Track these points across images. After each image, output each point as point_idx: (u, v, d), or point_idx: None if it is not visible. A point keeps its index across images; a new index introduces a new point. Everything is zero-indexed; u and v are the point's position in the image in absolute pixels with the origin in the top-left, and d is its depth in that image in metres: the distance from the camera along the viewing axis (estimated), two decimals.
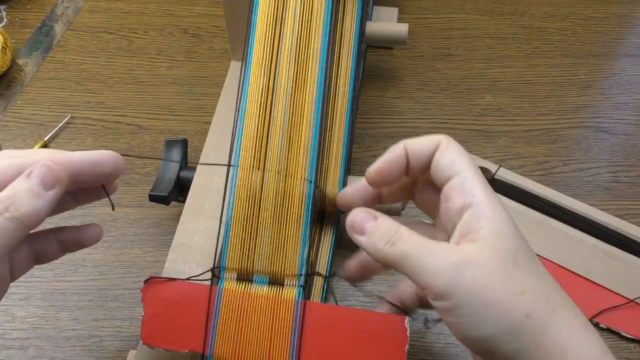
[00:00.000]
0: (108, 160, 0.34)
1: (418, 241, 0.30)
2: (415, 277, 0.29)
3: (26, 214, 0.30)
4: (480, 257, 0.28)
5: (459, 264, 0.28)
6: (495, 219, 0.30)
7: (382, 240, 0.31)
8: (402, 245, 0.30)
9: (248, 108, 0.38)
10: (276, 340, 0.34)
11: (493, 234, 0.29)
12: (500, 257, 0.29)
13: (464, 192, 0.30)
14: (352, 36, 0.48)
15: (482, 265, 0.28)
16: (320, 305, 0.35)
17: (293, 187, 0.37)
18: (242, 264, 0.36)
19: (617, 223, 0.50)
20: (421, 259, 0.29)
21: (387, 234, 0.31)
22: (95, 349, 0.43)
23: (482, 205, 0.30)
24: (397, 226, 0.31)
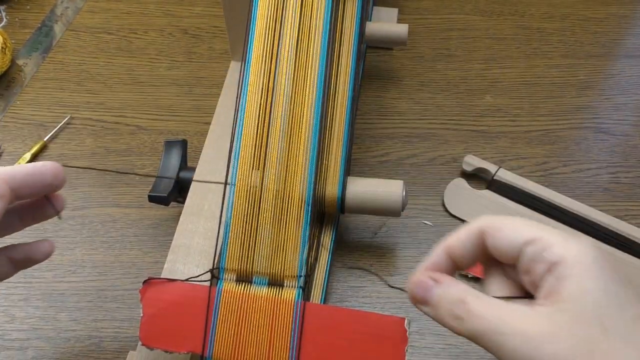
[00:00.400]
0: (47, 170, 0.34)
1: (489, 314, 0.27)
2: (494, 354, 0.27)
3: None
4: (560, 328, 0.25)
5: (536, 339, 0.25)
6: (580, 277, 0.26)
7: (449, 315, 0.28)
8: (472, 321, 0.27)
9: (248, 108, 0.38)
10: (276, 341, 0.34)
11: (576, 295, 0.26)
12: (584, 325, 0.25)
13: (544, 258, 0.27)
14: (352, 36, 0.48)
15: (563, 338, 0.25)
16: (319, 306, 0.35)
17: (293, 187, 0.37)
18: (241, 265, 0.36)
19: (616, 224, 0.50)
20: (496, 337, 0.26)
21: (453, 306, 0.28)
22: (94, 349, 0.43)
23: (563, 264, 0.26)
24: (464, 293, 0.28)
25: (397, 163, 0.55)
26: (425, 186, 0.54)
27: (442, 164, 0.55)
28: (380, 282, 0.47)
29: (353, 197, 0.44)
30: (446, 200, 0.52)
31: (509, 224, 0.29)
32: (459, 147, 0.57)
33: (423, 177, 0.54)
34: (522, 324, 0.26)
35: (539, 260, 0.27)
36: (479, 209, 0.51)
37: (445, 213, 0.52)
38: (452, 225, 0.51)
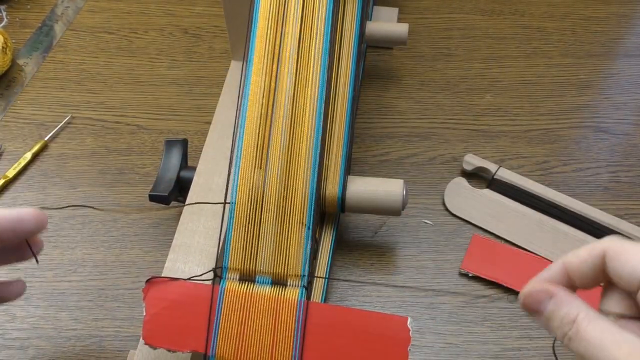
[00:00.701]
0: (30, 218, 0.34)
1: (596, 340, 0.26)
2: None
3: None
4: None
5: None
6: None
7: (560, 331, 0.27)
8: (579, 343, 0.26)
9: (249, 108, 0.38)
10: (279, 340, 0.34)
11: None
12: None
13: None
14: (352, 36, 0.48)
15: None
16: (322, 306, 0.35)
17: (295, 186, 0.37)
18: (244, 264, 0.36)
19: (616, 223, 0.50)
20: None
21: (564, 323, 0.27)
22: (95, 348, 0.43)
23: None
24: (575, 312, 0.27)
25: (398, 162, 0.55)
26: (425, 185, 0.54)
27: (443, 163, 0.55)
28: (380, 282, 0.47)
29: (353, 197, 0.44)
30: (446, 199, 0.52)
31: (631, 249, 0.28)
32: (459, 146, 0.57)
33: (423, 176, 0.54)
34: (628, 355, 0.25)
35: None
36: (479, 208, 0.51)
37: (445, 212, 0.52)
38: (453, 224, 0.51)
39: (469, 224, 0.51)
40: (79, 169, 0.55)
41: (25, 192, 0.53)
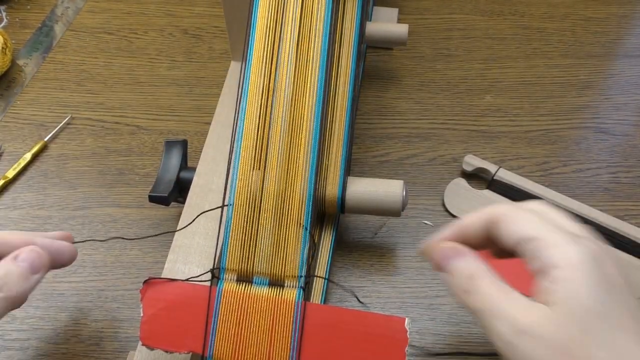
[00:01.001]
0: (67, 253, 0.38)
1: (492, 296, 0.29)
2: (484, 329, 0.29)
3: (16, 295, 0.33)
4: (544, 325, 0.27)
5: (521, 330, 0.27)
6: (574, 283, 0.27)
7: (460, 287, 0.30)
8: (476, 298, 0.29)
9: (248, 109, 0.38)
10: (276, 341, 0.34)
11: (566, 299, 0.27)
12: (565, 327, 0.27)
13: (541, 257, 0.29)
14: (352, 37, 0.48)
15: (542, 334, 0.27)
16: (320, 307, 0.35)
17: (293, 187, 0.37)
18: (242, 265, 0.36)
19: (616, 224, 0.50)
20: (489, 318, 0.28)
21: (465, 280, 0.30)
22: (94, 349, 0.43)
23: (560, 268, 0.28)
24: (476, 270, 0.30)
25: (397, 163, 0.55)
26: (425, 186, 0.54)
27: (442, 164, 0.55)
28: (380, 282, 0.47)
29: (353, 197, 0.44)
30: (446, 200, 0.52)
31: (521, 215, 0.31)
32: (459, 147, 0.57)
33: (423, 177, 0.54)
34: (515, 313, 0.28)
35: (536, 257, 0.29)
36: (479, 209, 0.51)
37: (445, 213, 0.52)
38: None
39: None
40: (78, 169, 0.55)
41: (25, 193, 0.53)
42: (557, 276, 0.28)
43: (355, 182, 0.45)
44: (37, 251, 0.34)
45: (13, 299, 0.33)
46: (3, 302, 0.32)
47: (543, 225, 0.30)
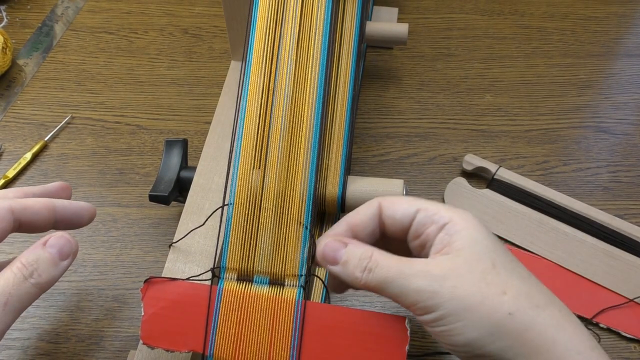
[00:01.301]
0: (86, 214, 0.38)
1: (395, 263, 0.31)
2: (398, 299, 0.31)
3: (46, 281, 0.33)
4: (457, 267, 0.30)
5: (438, 277, 0.30)
6: (468, 230, 0.31)
7: (358, 268, 0.32)
8: (379, 271, 0.31)
9: (248, 108, 0.38)
10: (276, 340, 0.34)
11: (467, 243, 0.30)
12: (477, 263, 0.30)
13: (434, 220, 0.32)
14: (352, 36, 0.48)
15: (461, 273, 0.30)
16: (320, 306, 0.35)
17: (293, 187, 0.37)
18: (242, 264, 0.36)
19: (616, 223, 0.50)
20: (401, 280, 0.30)
21: (362, 260, 0.32)
22: (95, 349, 0.43)
23: (452, 222, 0.31)
24: (370, 251, 0.32)
25: (398, 162, 0.55)
26: (425, 185, 0.54)
27: (443, 163, 0.55)
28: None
29: (353, 197, 0.44)
30: (446, 199, 0.52)
31: (400, 198, 0.34)
32: (459, 146, 0.57)
33: (423, 176, 0.54)
34: (425, 266, 0.30)
35: (429, 222, 0.32)
36: (480, 208, 0.51)
37: None
38: None
39: None
40: (79, 169, 0.55)
41: None
42: (452, 228, 0.31)
43: (356, 182, 0.45)
44: (66, 237, 0.34)
45: (43, 285, 0.33)
46: (34, 289, 0.32)
47: (424, 200, 0.33)
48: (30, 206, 0.35)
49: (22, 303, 0.32)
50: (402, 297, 0.30)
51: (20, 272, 0.32)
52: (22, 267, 0.32)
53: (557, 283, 0.47)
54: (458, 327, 0.29)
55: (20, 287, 0.32)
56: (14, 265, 0.32)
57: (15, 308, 0.31)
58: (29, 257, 0.33)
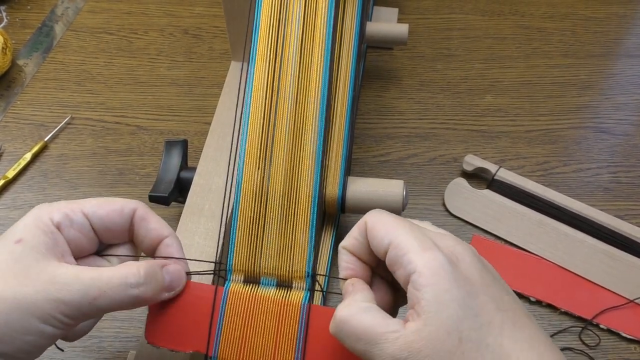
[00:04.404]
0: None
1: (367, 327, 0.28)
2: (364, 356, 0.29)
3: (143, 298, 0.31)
4: (422, 346, 0.27)
5: (401, 357, 0.27)
6: (434, 288, 0.27)
7: (332, 326, 0.30)
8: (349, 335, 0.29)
9: (252, 108, 0.38)
10: (281, 343, 0.34)
11: (433, 308, 0.27)
12: (443, 340, 0.27)
13: (402, 263, 0.29)
14: (352, 37, 0.48)
15: (426, 354, 0.26)
16: (325, 309, 0.35)
17: (299, 187, 0.37)
18: (249, 266, 0.36)
19: (617, 223, 0.50)
20: (367, 345, 0.28)
21: (335, 320, 0.30)
22: (95, 349, 0.43)
23: (418, 274, 0.28)
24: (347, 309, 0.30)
25: (398, 163, 0.55)
26: (425, 186, 0.54)
27: (443, 164, 0.55)
28: None
29: (353, 197, 0.44)
30: (446, 200, 0.52)
31: (381, 221, 0.31)
32: (459, 147, 0.57)
33: (423, 177, 0.54)
34: (388, 341, 0.27)
35: (398, 264, 0.29)
36: (480, 209, 0.51)
37: (445, 213, 0.52)
38: (453, 225, 0.51)
39: (469, 225, 0.51)
40: (79, 169, 0.55)
41: (25, 193, 0.53)
42: (418, 282, 0.28)
43: (356, 182, 0.45)
44: (183, 272, 0.33)
45: (137, 301, 0.31)
46: (129, 299, 0.30)
47: (400, 229, 0.30)
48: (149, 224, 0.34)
49: (112, 305, 0.30)
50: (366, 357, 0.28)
51: (128, 279, 0.30)
52: (134, 275, 0.31)
53: (557, 284, 0.47)
54: None
55: (118, 291, 0.30)
56: (128, 267, 0.31)
57: (103, 307, 0.30)
58: (148, 269, 0.31)
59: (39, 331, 0.29)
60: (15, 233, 0.31)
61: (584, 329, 0.45)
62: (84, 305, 0.29)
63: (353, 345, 0.29)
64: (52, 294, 0.29)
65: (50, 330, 0.29)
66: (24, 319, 0.29)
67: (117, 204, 0.34)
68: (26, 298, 0.29)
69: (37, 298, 0.29)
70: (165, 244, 0.34)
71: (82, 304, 0.29)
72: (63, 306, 0.29)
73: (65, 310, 0.29)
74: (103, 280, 0.30)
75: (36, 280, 0.29)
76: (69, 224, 0.32)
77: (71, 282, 0.29)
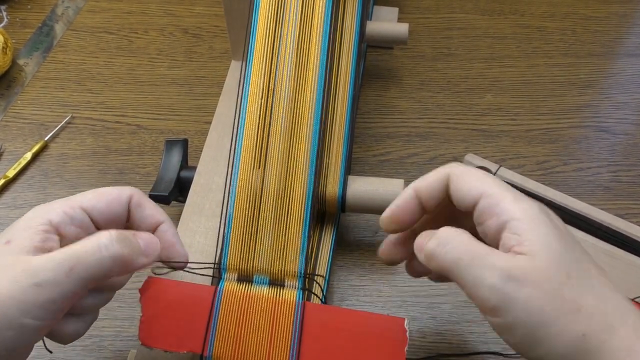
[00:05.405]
0: None
1: (471, 245, 0.29)
2: (468, 290, 0.28)
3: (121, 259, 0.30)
4: (534, 272, 0.27)
5: (516, 279, 0.27)
6: (538, 231, 0.28)
7: (434, 242, 0.30)
8: (453, 249, 0.29)
9: (249, 108, 0.38)
10: (276, 341, 0.34)
11: (539, 247, 0.28)
12: (552, 271, 0.27)
13: (495, 212, 0.29)
14: (352, 36, 0.48)
15: (537, 281, 0.27)
16: (320, 307, 0.35)
17: (294, 187, 0.37)
18: (242, 265, 0.36)
19: (617, 222, 0.49)
20: (475, 269, 0.28)
21: (440, 238, 0.30)
22: (95, 348, 0.43)
23: (516, 220, 0.28)
24: (450, 229, 0.30)
25: (398, 162, 0.55)
26: None
27: (443, 163, 0.55)
28: (380, 281, 0.47)
29: (354, 196, 0.44)
30: None
31: (469, 173, 0.31)
32: (459, 146, 0.57)
33: None
34: (503, 262, 0.28)
35: (491, 214, 0.29)
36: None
37: None
38: None
39: None
40: (79, 169, 0.55)
41: (25, 192, 0.53)
42: (518, 227, 0.28)
43: (356, 181, 0.45)
44: (156, 238, 0.33)
45: (118, 261, 0.30)
46: (108, 261, 0.30)
47: (492, 181, 0.30)
48: (146, 214, 0.34)
49: (90, 272, 0.29)
50: (472, 289, 0.28)
51: (100, 240, 0.30)
52: (106, 236, 0.30)
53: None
54: (528, 342, 0.27)
55: (93, 255, 0.29)
56: (100, 232, 0.30)
57: (82, 277, 0.29)
58: (119, 232, 0.30)
59: (19, 324, 0.28)
60: (6, 235, 0.30)
61: None
62: (62, 280, 0.28)
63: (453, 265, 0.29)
64: (27, 280, 0.28)
65: (31, 323, 0.28)
66: (1, 312, 0.27)
67: (114, 194, 0.33)
68: (1, 291, 0.28)
69: (13, 288, 0.28)
70: (161, 230, 0.34)
71: (58, 279, 0.28)
72: (40, 290, 0.28)
73: (44, 294, 0.28)
74: (76, 249, 0.29)
75: (12, 272, 0.28)
76: (68, 222, 0.32)
77: (44, 263, 0.29)
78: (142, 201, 0.34)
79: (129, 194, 0.34)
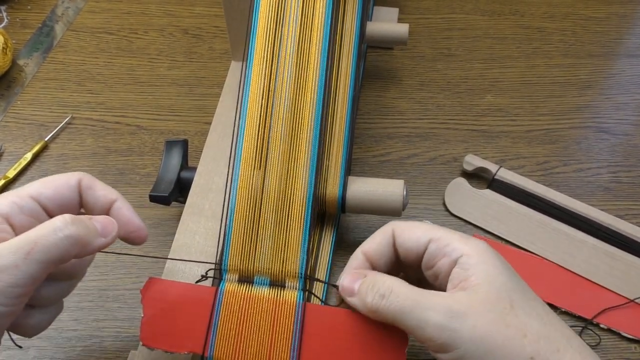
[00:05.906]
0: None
1: (412, 294, 0.30)
2: (415, 332, 0.30)
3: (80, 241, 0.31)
4: (476, 304, 0.29)
5: (458, 314, 0.29)
6: (484, 265, 0.30)
7: (375, 295, 0.31)
8: (396, 299, 0.30)
9: (249, 109, 0.38)
10: (277, 342, 0.34)
11: (483, 280, 0.30)
12: (495, 302, 0.29)
13: (446, 252, 0.31)
14: (352, 37, 0.48)
15: (480, 312, 0.29)
16: (320, 308, 0.35)
17: (294, 188, 0.37)
18: (243, 266, 0.36)
19: (617, 223, 0.50)
20: (418, 312, 0.29)
21: (380, 288, 0.31)
22: (96, 349, 0.43)
23: (466, 256, 0.31)
24: (388, 279, 0.32)
25: (398, 163, 0.55)
26: (426, 186, 0.54)
27: (443, 164, 0.55)
28: None
29: (354, 197, 0.44)
30: (447, 199, 0.52)
31: (414, 225, 0.34)
32: (459, 147, 0.57)
33: (424, 176, 0.54)
34: (444, 300, 0.29)
35: (441, 254, 0.32)
36: (480, 209, 0.51)
37: (446, 213, 0.52)
38: (453, 225, 0.51)
39: (469, 225, 0.51)
40: (79, 169, 0.55)
41: None
42: (467, 262, 0.30)
43: (356, 182, 0.45)
44: (110, 218, 0.33)
45: (75, 242, 0.30)
46: (65, 241, 0.30)
47: (437, 228, 0.33)
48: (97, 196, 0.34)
49: (48, 254, 0.29)
50: (419, 331, 0.30)
51: (55, 223, 0.30)
52: (60, 220, 0.30)
53: (558, 284, 0.47)
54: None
55: (48, 237, 0.29)
56: (55, 217, 0.31)
57: (40, 259, 0.29)
58: (74, 216, 0.31)
59: None
60: None
61: (584, 329, 0.45)
62: (21, 264, 0.28)
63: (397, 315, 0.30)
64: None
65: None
66: None
67: (61, 179, 0.34)
68: None
69: None
70: (116, 208, 0.35)
71: (18, 262, 0.28)
72: (0, 275, 0.28)
73: (4, 279, 0.28)
74: (32, 234, 0.30)
75: None
76: (18, 211, 0.32)
77: (1, 250, 0.29)
78: (92, 183, 0.35)
79: (77, 177, 0.34)
